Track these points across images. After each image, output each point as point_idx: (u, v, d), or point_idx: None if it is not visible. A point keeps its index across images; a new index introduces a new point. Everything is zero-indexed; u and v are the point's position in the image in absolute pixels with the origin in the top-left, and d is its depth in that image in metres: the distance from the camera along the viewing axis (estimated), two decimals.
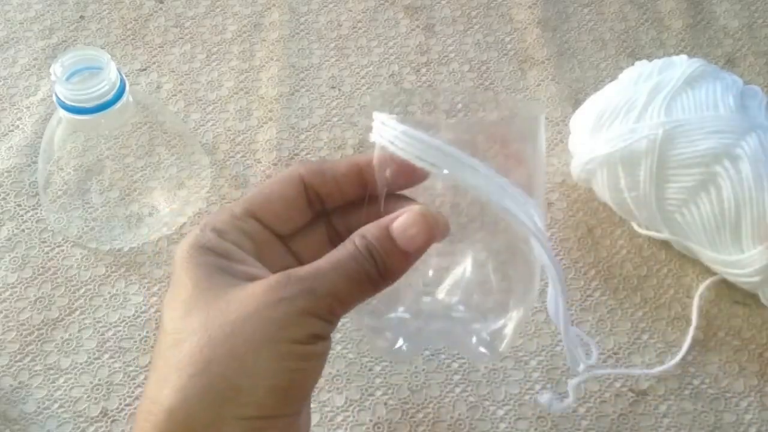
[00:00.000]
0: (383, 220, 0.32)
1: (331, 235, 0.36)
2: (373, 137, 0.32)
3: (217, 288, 0.30)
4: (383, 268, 0.31)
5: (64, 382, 0.48)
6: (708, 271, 0.51)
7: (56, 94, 0.48)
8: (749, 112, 0.49)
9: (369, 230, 0.31)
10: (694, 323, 0.49)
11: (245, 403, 0.29)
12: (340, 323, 0.32)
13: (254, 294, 0.30)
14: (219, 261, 0.31)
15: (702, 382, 0.48)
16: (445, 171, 0.31)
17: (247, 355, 0.29)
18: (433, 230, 0.31)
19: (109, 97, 0.47)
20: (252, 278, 0.31)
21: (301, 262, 0.34)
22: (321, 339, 0.31)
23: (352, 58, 0.64)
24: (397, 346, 0.37)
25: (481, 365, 0.48)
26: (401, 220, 0.31)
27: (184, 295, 0.30)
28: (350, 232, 0.32)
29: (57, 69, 0.47)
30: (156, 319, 0.51)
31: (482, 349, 0.36)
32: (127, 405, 0.47)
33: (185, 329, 0.30)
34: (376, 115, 0.32)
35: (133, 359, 0.49)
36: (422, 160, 0.31)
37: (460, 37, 0.65)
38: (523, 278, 0.36)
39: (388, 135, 0.32)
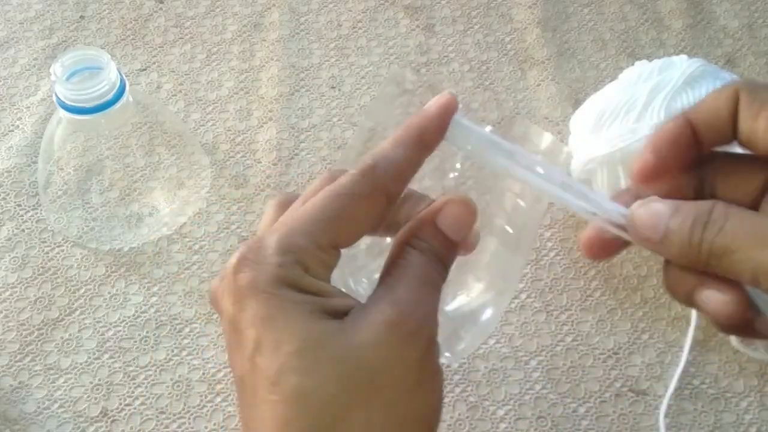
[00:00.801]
0: (427, 217, 0.31)
1: None
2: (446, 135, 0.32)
3: (332, 334, 0.28)
4: (445, 264, 0.31)
5: (64, 382, 0.48)
6: None
7: (56, 94, 0.48)
8: None
9: (422, 231, 0.31)
10: (694, 323, 0.49)
11: None
12: None
13: (380, 336, 0.28)
14: (315, 300, 0.28)
15: (702, 382, 0.48)
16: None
17: (403, 404, 0.28)
18: (474, 215, 0.31)
19: (109, 97, 0.47)
20: (347, 309, 0.29)
21: None
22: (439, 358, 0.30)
23: (352, 58, 0.64)
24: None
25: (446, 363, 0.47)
26: (449, 214, 0.31)
27: (298, 344, 0.27)
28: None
29: (57, 69, 0.47)
30: (156, 319, 0.51)
31: (443, 350, 0.35)
32: (127, 405, 0.47)
33: (322, 388, 0.27)
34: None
35: (133, 359, 0.49)
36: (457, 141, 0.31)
37: (460, 37, 0.65)
38: (497, 278, 0.35)
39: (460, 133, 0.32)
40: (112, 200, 0.54)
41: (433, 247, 0.30)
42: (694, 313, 0.50)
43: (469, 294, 0.35)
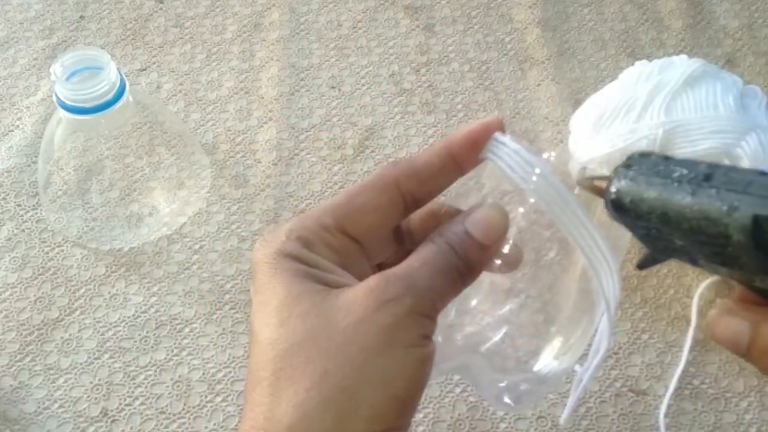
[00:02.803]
0: (457, 218, 0.31)
1: (396, 233, 0.34)
2: (485, 153, 0.31)
3: (311, 294, 0.29)
4: (466, 261, 0.30)
5: (64, 382, 0.48)
6: None
7: (56, 94, 0.48)
8: (749, 112, 0.49)
9: (446, 228, 0.31)
10: (694, 323, 0.49)
11: (366, 417, 0.27)
12: None
13: (357, 299, 0.28)
14: (307, 269, 0.30)
15: (702, 382, 0.48)
16: (544, 204, 0.30)
17: (363, 364, 0.27)
18: (506, 221, 0.31)
19: (109, 97, 0.47)
20: (342, 286, 0.30)
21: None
22: (429, 340, 0.29)
23: (352, 58, 0.64)
24: None
25: (498, 410, 0.46)
26: (475, 215, 0.31)
27: (276, 302, 0.29)
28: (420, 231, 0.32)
29: (57, 69, 0.47)
30: (156, 319, 0.51)
31: (507, 399, 0.34)
32: (127, 405, 0.47)
33: (289, 338, 0.28)
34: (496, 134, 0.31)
35: (133, 359, 0.49)
36: (530, 188, 0.30)
37: (460, 37, 0.65)
38: (563, 336, 0.35)
39: (501, 152, 0.31)
40: (112, 200, 0.54)
41: (452, 241, 0.30)
42: (694, 313, 0.50)
43: (551, 347, 0.35)
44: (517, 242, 0.32)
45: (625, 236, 0.32)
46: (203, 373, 0.48)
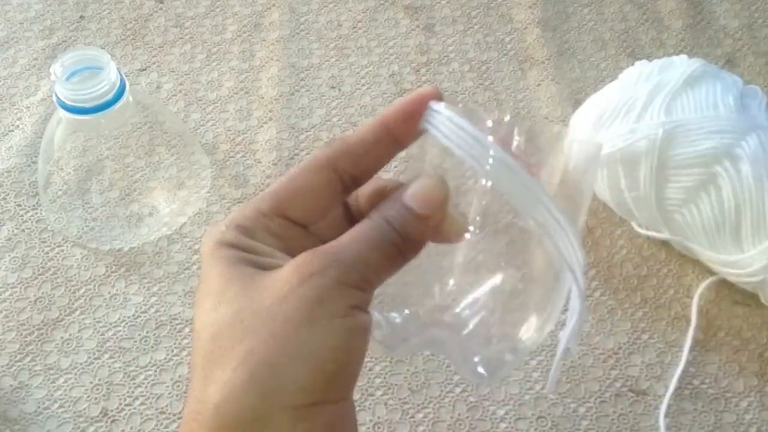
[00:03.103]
0: (395, 193, 0.31)
1: (348, 215, 0.34)
2: (423, 123, 0.31)
3: (245, 277, 0.29)
4: (404, 234, 0.30)
5: (64, 382, 0.48)
6: (708, 271, 0.51)
7: (56, 94, 0.48)
8: (749, 112, 0.49)
9: (383, 203, 0.31)
10: (694, 323, 0.49)
11: (292, 391, 0.27)
12: None
13: (283, 276, 0.28)
14: (243, 255, 0.30)
15: (702, 382, 0.48)
16: (488, 170, 0.29)
17: (287, 338, 0.27)
18: (445, 191, 0.31)
19: (109, 97, 0.47)
20: (279, 266, 0.30)
21: None
22: (360, 311, 0.29)
23: (352, 58, 0.64)
24: (385, 340, 0.36)
25: (477, 386, 0.47)
26: (413, 187, 0.30)
27: (212, 287, 0.30)
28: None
29: (57, 69, 0.47)
30: (156, 319, 0.51)
31: (480, 370, 0.34)
32: (127, 405, 0.47)
33: (218, 321, 0.29)
34: (431, 103, 0.31)
35: (133, 359, 0.49)
36: (468, 154, 0.29)
37: (460, 37, 0.65)
38: (540, 307, 0.34)
39: (436, 121, 0.30)
40: (112, 200, 0.54)
41: (388, 216, 0.30)
42: (694, 313, 0.50)
43: (531, 319, 0.34)
44: (464, 212, 0.32)
45: (584, 192, 0.32)
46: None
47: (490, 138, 0.29)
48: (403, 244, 0.30)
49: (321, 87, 0.62)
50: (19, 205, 0.56)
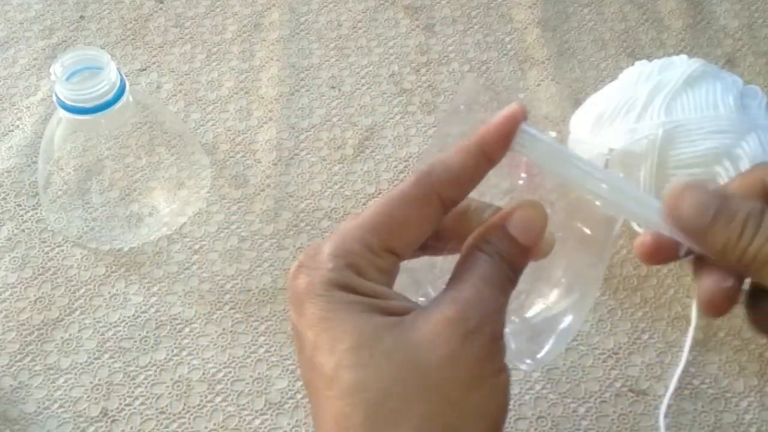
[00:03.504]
0: (497, 221, 0.31)
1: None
2: (515, 147, 0.31)
3: (386, 329, 0.28)
4: (514, 267, 0.31)
5: (64, 382, 0.48)
6: None
7: (56, 94, 0.48)
8: (749, 112, 0.49)
9: (491, 235, 0.30)
10: (694, 323, 0.49)
11: None
12: None
13: (439, 331, 0.28)
14: (369, 301, 0.29)
15: (702, 382, 0.48)
16: (602, 193, 0.31)
17: (462, 400, 0.27)
18: (545, 218, 0.31)
19: (109, 97, 0.47)
20: (407, 312, 0.29)
21: None
22: (504, 361, 0.29)
23: (352, 58, 0.64)
24: None
25: (521, 369, 0.46)
26: (519, 218, 0.31)
27: (350, 340, 0.28)
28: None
29: (57, 69, 0.47)
30: (156, 319, 0.51)
31: (528, 360, 0.34)
32: (127, 405, 0.47)
33: (376, 380, 0.27)
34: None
35: (133, 359, 0.49)
36: (571, 176, 0.31)
37: (460, 37, 0.65)
38: (576, 284, 0.35)
39: (531, 146, 0.31)
40: (112, 200, 0.54)
41: (502, 251, 0.30)
42: (694, 312, 0.50)
43: (546, 301, 0.35)
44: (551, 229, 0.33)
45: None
46: (203, 373, 0.48)
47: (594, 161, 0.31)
48: (514, 277, 0.31)
49: (321, 87, 0.62)
50: (19, 205, 0.56)
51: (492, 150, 0.31)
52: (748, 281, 0.31)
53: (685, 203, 0.29)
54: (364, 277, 0.29)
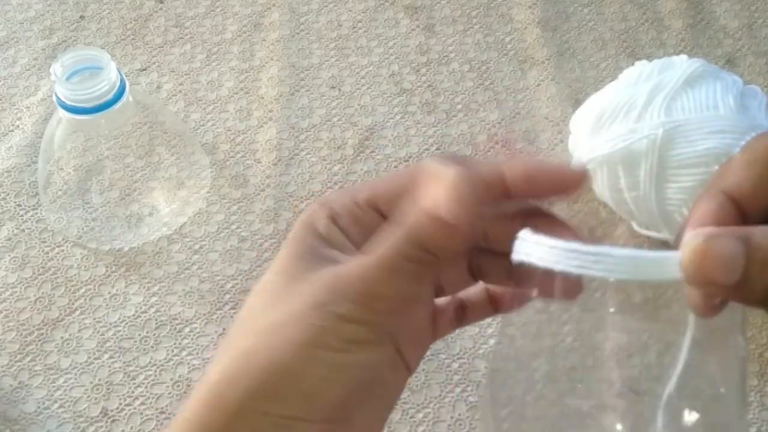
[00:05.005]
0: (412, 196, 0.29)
1: None
2: (516, 256, 0.28)
3: (295, 274, 0.30)
4: (424, 244, 0.29)
5: (64, 382, 0.48)
6: None
7: (56, 94, 0.48)
8: (749, 112, 0.49)
9: (407, 207, 0.29)
10: (693, 323, 0.49)
11: (276, 400, 0.28)
12: None
13: (308, 291, 0.29)
14: (316, 243, 0.30)
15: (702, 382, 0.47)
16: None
17: (285, 354, 0.28)
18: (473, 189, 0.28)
19: (109, 97, 0.47)
20: (335, 263, 0.30)
21: None
22: (362, 345, 0.29)
23: (352, 58, 0.64)
24: None
25: None
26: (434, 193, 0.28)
27: (276, 269, 0.30)
28: None
29: (57, 69, 0.47)
30: (156, 319, 0.51)
31: None
32: (127, 405, 0.47)
33: (254, 307, 0.30)
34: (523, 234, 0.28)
35: (133, 359, 0.49)
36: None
37: (460, 37, 0.65)
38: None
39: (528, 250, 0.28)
40: (112, 200, 0.54)
41: (413, 222, 0.28)
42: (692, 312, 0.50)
43: None
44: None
45: None
46: (203, 373, 0.48)
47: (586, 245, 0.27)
48: (430, 257, 0.29)
49: (321, 87, 0.62)
50: (19, 205, 0.56)
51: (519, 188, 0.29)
52: None
53: (707, 264, 0.26)
54: (337, 222, 0.30)
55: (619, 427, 0.32)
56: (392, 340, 0.30)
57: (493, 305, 0.34)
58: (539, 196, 0.30)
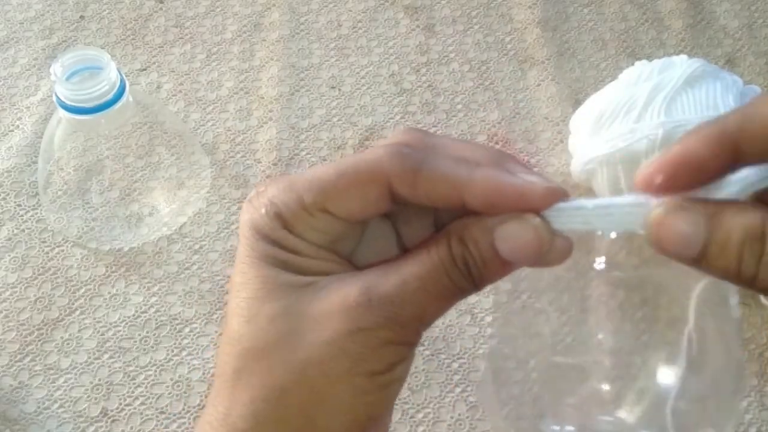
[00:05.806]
0: (487, 222, 0.26)
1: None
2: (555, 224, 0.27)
3: (284, 291, 0.27)
4: (478, 280, 0.27)
5: (64, 382, 0.48)
6: None
7: (56, 94, 0.48)
8: None
9: (470, 233, 0.26)
10: (693, 323, 0.49)
11: None
12: None
13: (331, 313, 0.26)
14: (285, 255, 0.28)
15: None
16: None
17: (324, 389, 0.26)
18: (544, 246, 0.26)
19: (109, 97, 0.47)
20: (324, 273, 0.28)
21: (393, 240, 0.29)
22: (400, 364, 0.27)
23: (352, 58, 0.64)
24: None
25: None
26: (509, 229, 0.26)
27: (249, 291, 0.27)
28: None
29: (57, 69, 0.47)
30: (156, 319, 0.51)
31: None
32: (127, 405, 0.47)
33: (251, 338, 0.27)
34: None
35: (133, 359, 0.49)
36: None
37: (460, 37, 0.65)
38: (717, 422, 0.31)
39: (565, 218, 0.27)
40: (112, 200, 0.54)
41: (471, 256, 0.26)
42: (692, 313, 0.50)
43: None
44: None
45: None
46: (203, 373, 0.48)
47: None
48: (472, 290, 0.27)
49: (321, 87, 0.62)
50: (19, 205, 0.56)
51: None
52: None
53: (664, 236, 0.26)
54: (292, 231, 0.28)
55: (606, 386, 0.31)
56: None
57: None
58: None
